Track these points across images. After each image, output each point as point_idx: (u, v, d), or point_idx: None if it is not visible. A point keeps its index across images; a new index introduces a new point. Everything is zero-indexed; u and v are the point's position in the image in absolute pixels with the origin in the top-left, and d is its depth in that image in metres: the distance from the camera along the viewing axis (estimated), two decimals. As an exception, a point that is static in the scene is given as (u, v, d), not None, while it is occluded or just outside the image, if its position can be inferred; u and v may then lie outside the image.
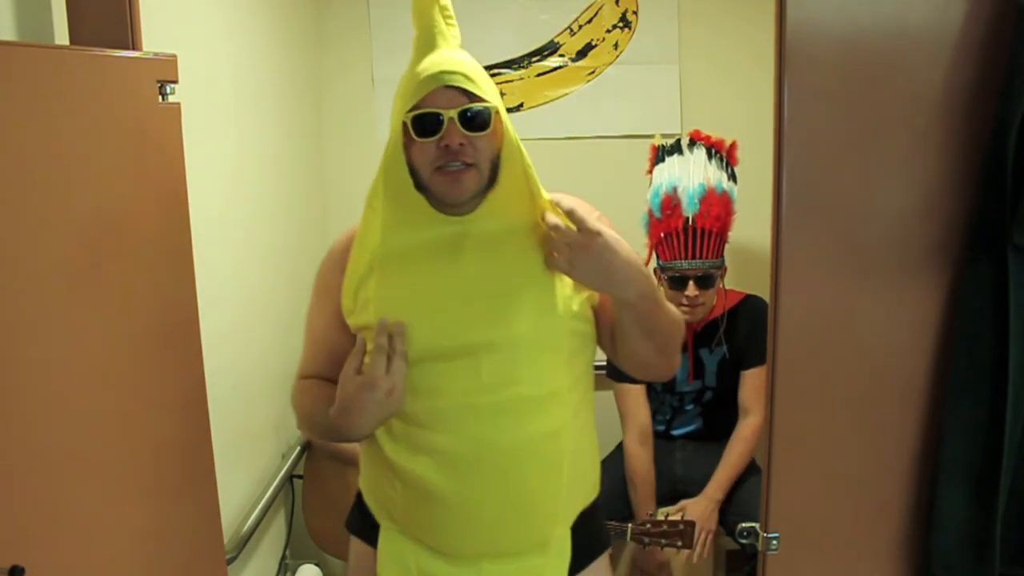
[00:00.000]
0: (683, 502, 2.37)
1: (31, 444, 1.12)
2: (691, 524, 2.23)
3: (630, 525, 2.23)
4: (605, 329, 1.47)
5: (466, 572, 1.41)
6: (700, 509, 2.32)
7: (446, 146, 1.30)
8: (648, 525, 2.22)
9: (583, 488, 1.49)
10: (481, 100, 1.31)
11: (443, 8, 1.34)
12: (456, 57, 1.33)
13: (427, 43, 1.33)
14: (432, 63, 1.31)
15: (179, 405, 1.52)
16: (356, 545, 1.57)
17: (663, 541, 2.22)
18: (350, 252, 1.45)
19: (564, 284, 1.39)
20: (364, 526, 1.53)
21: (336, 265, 1.49)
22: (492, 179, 1.36)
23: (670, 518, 2.24)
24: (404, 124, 1.32)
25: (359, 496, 1.56)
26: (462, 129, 1.30)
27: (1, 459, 1.06)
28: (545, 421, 1.38)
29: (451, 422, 1.37)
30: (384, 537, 1.48)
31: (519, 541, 1.41)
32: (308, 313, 1.57)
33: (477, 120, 1.30)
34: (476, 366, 1.36)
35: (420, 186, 1.36)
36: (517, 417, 1.36)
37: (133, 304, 1.37)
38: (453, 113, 1.29)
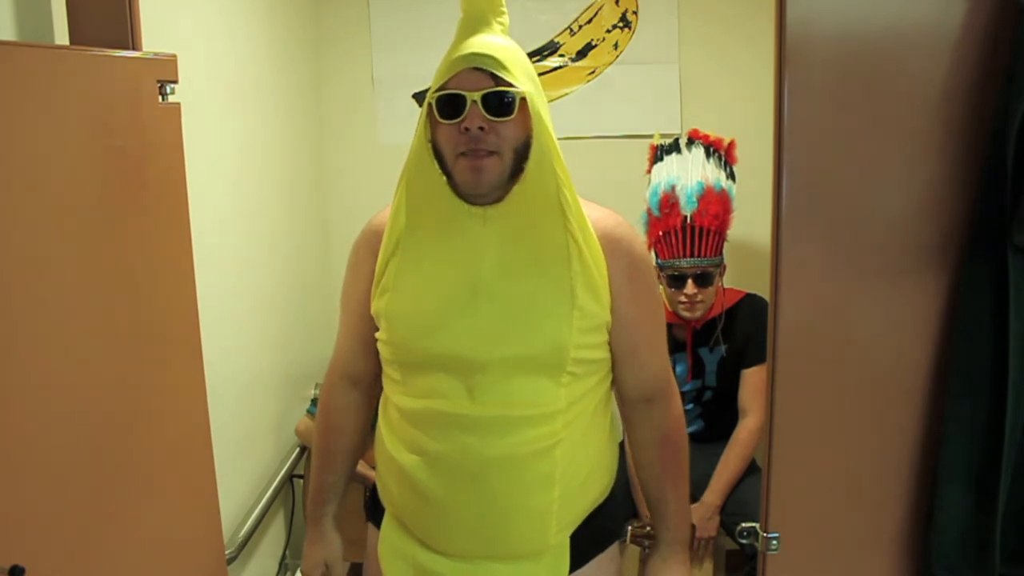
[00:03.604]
0: None
1: (31, 444, 1.12)
2: (691, 528, 2.23)
3: (628, 527, 2.22)
4: (618, 367, 1.45)
5: (458, 569, 1.41)
6: (699, 515, 2.32)
7: (466, 129, 1.27)
8: (647, 528, 2.22)
9: (587, 496, 1.44)
10: (509, 85, 1.28)
11: None
12: (492, 41, 1.30)
13: (468, 28, 1.32)
14: (466, 45, 1.29)
15: (179, 405, 1.52)
16: (370, 527, 1.59)
17: (662, 544, 2.21)
18: (382, 231, 1.43)
19: (580, 310, 1.34)
20: (374, 510, 1.55)
21: (368, 243, 1.47)
22: (517, 170, 1.32)
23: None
24: (429, 105, 1.30)
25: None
26: (484, 113, 1.27)
27: (1, 459, 1.06)
28: (535, 439, 1.35)
29: (439, 427, 1.36)
30: (386, 523, 1.49)
31: (509, 548, 1.39)
32: (343, 296, 1.55)
33: (501, 105, 1.27)
34: (469, 384, 1.34)
35: (445, 171, 1.33)
36: (504, 434, 1.34)
37: (134, 304, 1.37)
38: (476, 96, 1.27)
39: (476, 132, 1.27)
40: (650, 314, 1.47)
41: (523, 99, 1.29)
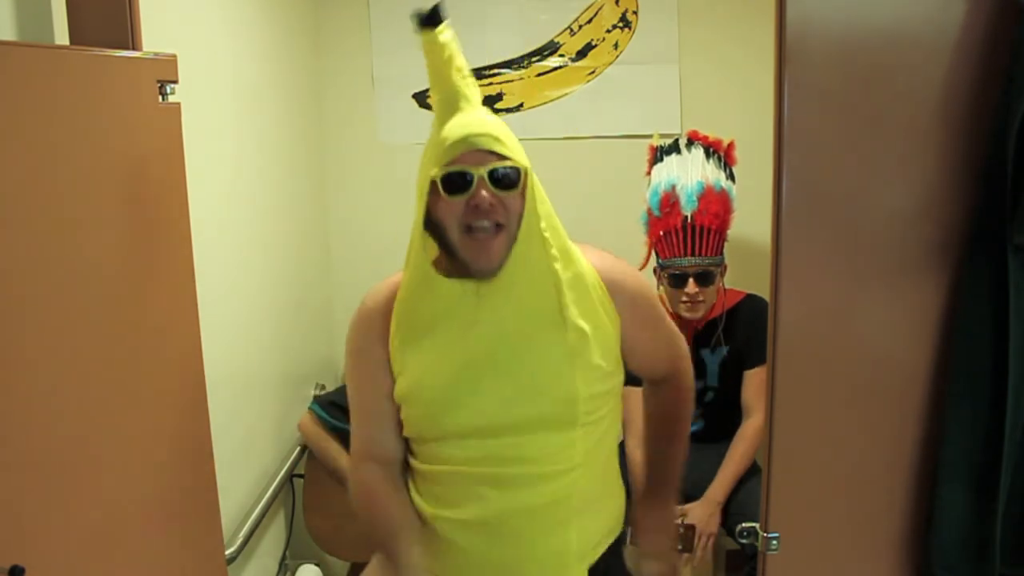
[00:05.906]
0: (685, 506, 2.36)
1: (31, 445, 1.12)
2: (691, 528, 2.22)
3: (630, 528, 2.22)
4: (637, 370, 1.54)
5: None
6: (701, 512, 2.32)
7: (476, 205, 1.29)
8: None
9: (602, 529, 1.51)
10: (509, 160, 1.31)
11: (459, 69, 1.34)
12: (482, 118, 1.34)
13: (450, 107, 1.34)
14: (459, 125, 1.31)
15: (179, 405, 1.52)
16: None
17: (663, 545, 2.20)
18: (384, 312, 1.44)
19: (584, 369, 1.39)
20: None
21: (368, 326, 1.46)
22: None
23: (671, 521, 2.23)
24: (433, 182, 1.31)
25: None
26: (492, 188, 1.30)
27: (2, 459, 1.06)
28: (555, 490, 1.41)
29: (461, 485, 1.41)
30: None
31: None
32: (348, 383, 1.54)
33: (506, 179, 1.31)
34: (486, 449, 1.39)
35: (447, 248, 1.36)
36: (529, 489, 1.40)
37: (133, 304, 1.37)
38: (483, 171, 1.30)
39: (486, 206, 1.29)
40: (659, 336, 1.58)
41: (523, 172, 1.33)
